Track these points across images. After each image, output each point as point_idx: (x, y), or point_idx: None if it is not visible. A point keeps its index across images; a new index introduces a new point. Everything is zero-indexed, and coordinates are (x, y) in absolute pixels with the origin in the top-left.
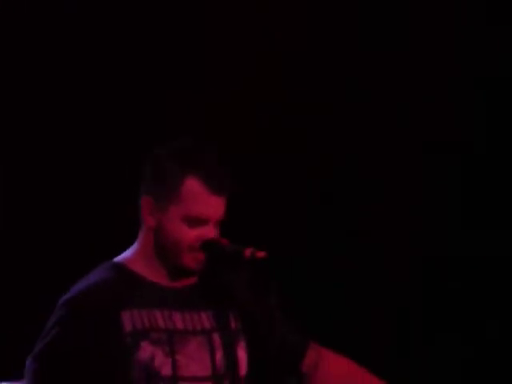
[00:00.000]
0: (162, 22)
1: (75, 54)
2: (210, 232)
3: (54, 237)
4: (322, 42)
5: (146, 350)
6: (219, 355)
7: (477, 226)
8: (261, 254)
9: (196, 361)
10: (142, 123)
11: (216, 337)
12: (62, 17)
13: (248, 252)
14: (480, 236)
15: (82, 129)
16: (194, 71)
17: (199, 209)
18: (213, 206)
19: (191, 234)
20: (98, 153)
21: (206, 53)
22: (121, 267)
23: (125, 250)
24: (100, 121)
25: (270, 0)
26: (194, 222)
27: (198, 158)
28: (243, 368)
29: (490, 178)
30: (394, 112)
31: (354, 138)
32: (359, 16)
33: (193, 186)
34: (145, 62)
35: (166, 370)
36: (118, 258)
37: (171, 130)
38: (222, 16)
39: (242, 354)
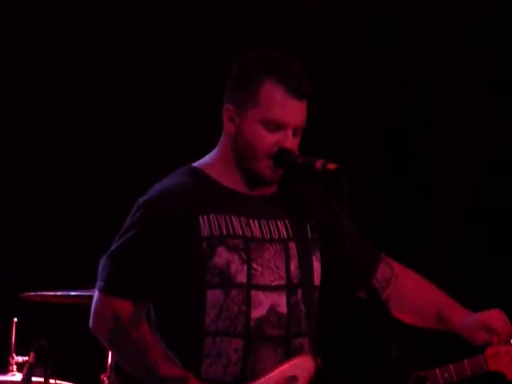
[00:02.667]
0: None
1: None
2: (287, 139)
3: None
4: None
5: (222, 256)
6: (294, 264)
7: None
8: (332, 166)
9: (271, 269)
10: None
11: (292, 245)
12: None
13: (319, 164)
14: None
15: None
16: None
17: (277, 111)
18: (291, 109)
19: (269, 139)
20: None
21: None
22: (199, 172)
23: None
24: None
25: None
26: (272, 125)
27: (280, 63)
28: (317, 278)
29: None
30: None
31: None
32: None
33: (272, 88)
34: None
35: (241, 277)
36: (196, 164)
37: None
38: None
39: (316, 264)
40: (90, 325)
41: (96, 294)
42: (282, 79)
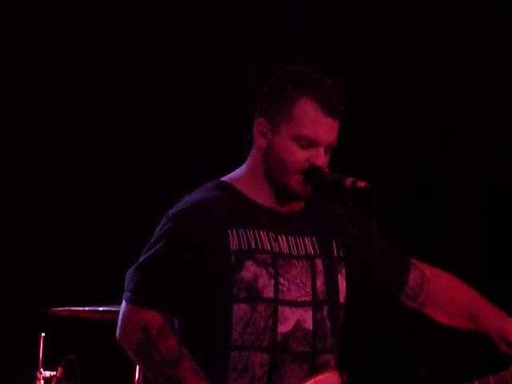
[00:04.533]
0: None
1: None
2: (319, 156)
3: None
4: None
5: (249, 270)
6: (320, 281)
7: None
8: (362, 184)
9: (298, 286)
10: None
11: (318, 262)
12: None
13: (349, 181)
14: None
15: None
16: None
17: (310, 128)
18: (324, 127)
19: (300, 155)
20: None
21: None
22: (228, 186)
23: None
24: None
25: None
26: (305, 142)
27: (315, 80)
28: (342, 295)
29: None
30: None
31: None
32: None
33: (306, 104)
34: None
35: (268, 292)
36: (225, 178)
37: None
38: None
39: (342, 282)
40: (117, 335)
41: (123, 304)
42: (316, 96)
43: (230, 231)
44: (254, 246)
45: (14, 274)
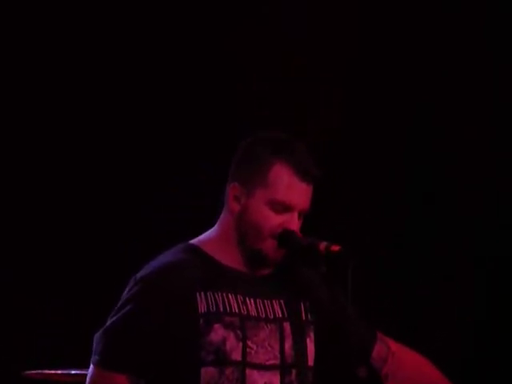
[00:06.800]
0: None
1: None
2: (293, 221)
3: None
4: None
5: (218, 333)
6: (288, 344)
7: None
8: (335, 248)
9: (266, 349)
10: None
11: (287, 326)
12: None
13: (323, 246)
14: None
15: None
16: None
17: (285, 193)
18: (299, 192)
19: (274, 220)
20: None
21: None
22: (196, 249)
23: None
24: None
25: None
26: (279, 207)
27: (289, 145)
28: (311, 358)
29: None
30: None
31: None
32: None
33: (281, 169)
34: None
35: (236, 355)
36: (194, 241)
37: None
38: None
39: (310, 345)
40: None
41: (91, 368)
42: (291, 161)
43: (198, 294)
44: (222, 309)
45: None
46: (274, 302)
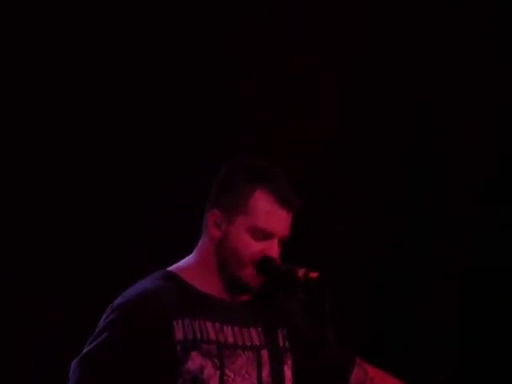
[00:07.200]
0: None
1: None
2: (273, 249)
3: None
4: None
5: (195, 361)
6: (266, 372)
7: None
8: (314, 275)
9: (243, 377)
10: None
11: (264, 353)
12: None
13: (301, 272)
14: None
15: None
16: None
17: (265, 221)
18: (279, 219)
19: (255, 248)
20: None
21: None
22: (174, 276)
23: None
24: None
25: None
26: (260, 234)
27: (270, 173)
28: None
29: None
30: None
31: None
32: None
33: (262, 197)
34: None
35: (214, 383)
36: (172, 268)
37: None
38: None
39: (287, 372)
40: None
41: None
42: (271, 189)
43: (175, 322)
44: (199, 337)
45: None
46: (251, 329)
